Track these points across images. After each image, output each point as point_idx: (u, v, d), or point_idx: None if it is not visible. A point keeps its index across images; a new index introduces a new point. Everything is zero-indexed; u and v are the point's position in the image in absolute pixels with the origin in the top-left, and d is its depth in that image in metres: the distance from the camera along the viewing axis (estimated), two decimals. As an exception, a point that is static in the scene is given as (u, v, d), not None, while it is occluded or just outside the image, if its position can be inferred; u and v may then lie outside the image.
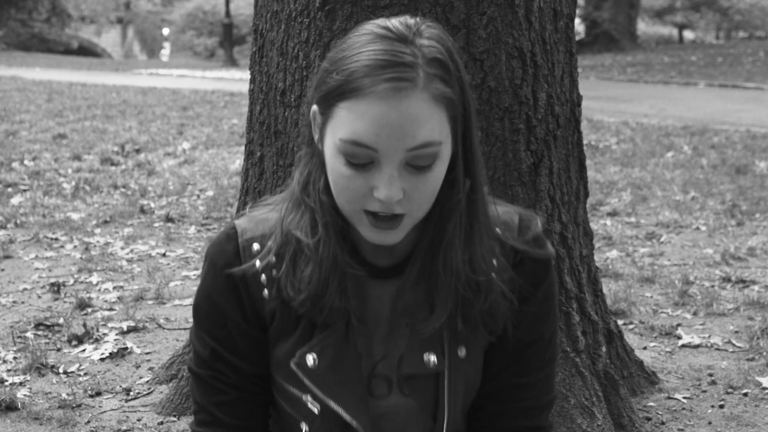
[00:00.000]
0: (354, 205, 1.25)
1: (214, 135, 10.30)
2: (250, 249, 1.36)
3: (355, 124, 1.20)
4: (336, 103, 1.23)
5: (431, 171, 1.23)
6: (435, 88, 1.21)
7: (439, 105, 1.22)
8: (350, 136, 1.21)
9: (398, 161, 1.21)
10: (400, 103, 1.19)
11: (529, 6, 2.56)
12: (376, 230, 1.25)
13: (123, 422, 2.97)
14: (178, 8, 46.00)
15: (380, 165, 1.22)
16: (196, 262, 4.95)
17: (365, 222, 1.26)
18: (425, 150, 1.21)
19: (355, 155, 1.21)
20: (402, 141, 1.20)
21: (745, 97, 14.70)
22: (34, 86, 16.78)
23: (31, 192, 6.93)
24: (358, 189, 1.23)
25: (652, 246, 5.28)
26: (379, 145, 1.20)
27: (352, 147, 1.21)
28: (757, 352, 3.49)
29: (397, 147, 1.20)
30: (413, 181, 1.23)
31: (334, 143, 1.24)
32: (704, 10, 33.61)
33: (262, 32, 2.79)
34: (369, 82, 1.19)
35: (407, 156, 1.21)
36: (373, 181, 1.22)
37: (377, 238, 1.27)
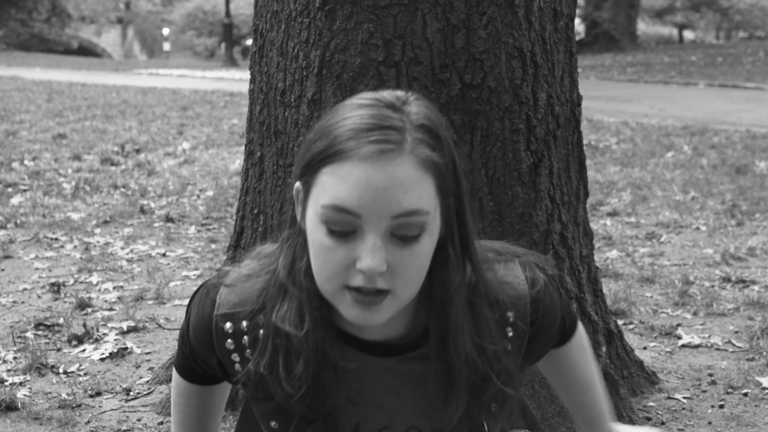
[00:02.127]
0: (335, 281, 1.17)
1: (214, 135, 10.30)
2: (222, 326, 1.33)
3: (337, 188, 1.14)
4: (319, 169, 1.17)
5: (418, 243, 1.16)
6: (423, 153, 1.16)
7: (426, 172, 1.16)
8: (332, 201, 1.14)
9: (382, 230, 1.14)
10: (386, 167, 1.13)
11: (529, 6, 2.56)
12: (358, 308, 1.17)
13: (123, 422, 2.97)
14: (178, 8, 46.02)
15: (363, 234, 1.15)
16: (196, 262, 4.95)
17: (347, 300, 1.18)
18: (411, 218, 1.15)
19: (336, 222, 1.15)
20: (387, 207, 1.13)
21: (745, 97, 14.71)
22: (34, 86, 16.79)
23: (31, 192, 6.93)
24: (340, 262, 1.16)
25: (652, 246, 5.28)
26: (363, 210, 1.13)
27: (333, 213, 1.14)
28: (757, 352, 3.49)
29: (381, 213, 1.13)
30: (398, 254, 1.16)
31: (315, 212, 1.17)
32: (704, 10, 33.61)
33: (262, 32, 2.79)
34: (353, 145, 1.14)
35: (392, 224, 1.14)
36: (355, 252, 1.15)
37: (359, 317, 1.18)
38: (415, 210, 1.15)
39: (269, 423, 1.35)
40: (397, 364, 1.31)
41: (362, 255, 1.14)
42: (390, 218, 1.14)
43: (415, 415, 1.33)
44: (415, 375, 1.31)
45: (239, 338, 1.31)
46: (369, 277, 1.15)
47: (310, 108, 2.59)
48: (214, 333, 1.33)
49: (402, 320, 1.29)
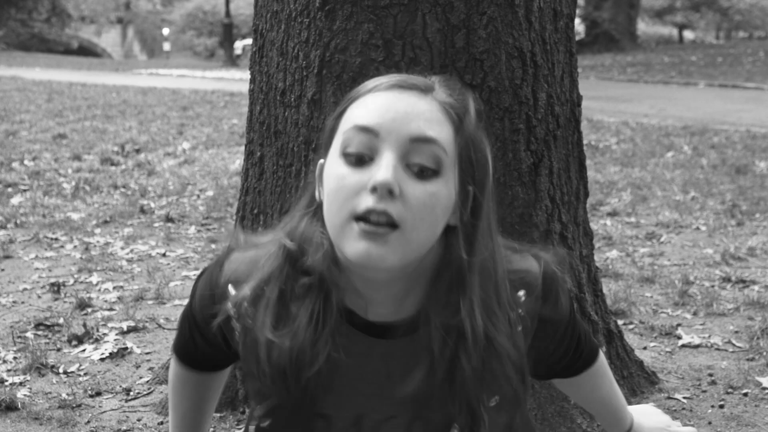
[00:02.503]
0: (344, 210, 1.14)
1: (214, 135, 10.30)
2: (225, 290, 1.32)
3: (359, 112, 1.17)
4: (344, 112, 1.20)
5: (432, 183, 1.15)
6: (445, 101, 1.17)
7: (447, 119, 1.17)
8: (353, 123, 1.16)
9: (400, 152, 1.14)
10: (409, 97, 1.16)
11: (529, 6, 2.56)
12: (364, 241, 1.12)
13: (123, 422, 2.97)
14: (178, 8, 46.03)
15: (380, 155, 1.14)
16: (196, 262, 4.95)
17: (354, 232, 1.13)
18: (429, 147, 1.14)
19: (355, 143, 1.15)
20: (406, 127, 1.14)
21: (745, 97, 14.71)
22: (34, 86, 16.79)
23: (31, 192, 6.93)
24: (352, 186, 1.14)
25: (652, 246, 5.27)
26: (382, 128, 1.14)
27: (353, 133, 1.15)
28: (757, 352, 3.49)
29: (400, 132, 1.14)
30: (412, 185, 1.14)
31: (337, 147, 1.18)
32: (704, 10, 33.61)
33: (262, 32, 2.79)
34: (377, 85, 1.19)
35: (410, 148, 1.14)
36: (369, 175, 1.14)
37: (364, 251, 1.13)
38: (434, 138, 1.14)
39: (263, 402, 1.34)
40: (411, 345, 1.27)
41: (375, 172, 1.13)
42: (408, 141, 1.14)
43: (419, 405, 1.30)
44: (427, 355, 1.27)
45: (241, 305, 1.29)
46: (380, 195, 1.12)
47: (310, 108, 2.59)
48: (218, 297, 1.33)
49: (414, 298, 1.25)
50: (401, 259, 1.15)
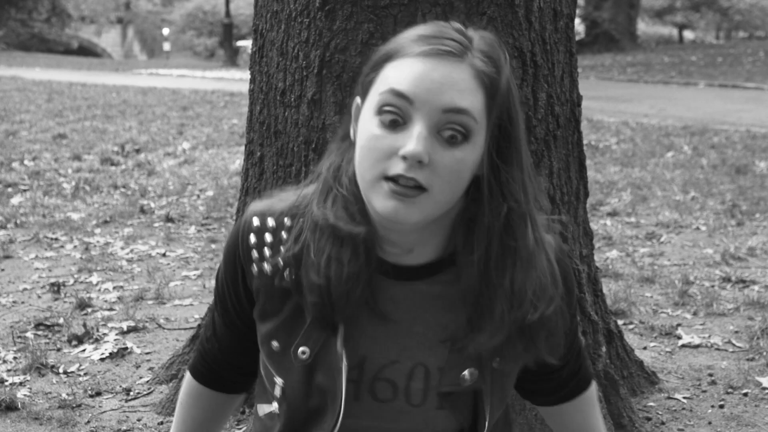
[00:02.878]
0: (375, 169, 1.20)
1: (214, 135, 10.30)
2: (249, 223, 1.36)
3: (396, 75, 1.21)
4: (382, 66, 1.24)
5: (461, 149, 1.20)
6: (480, 66, 1.22)
7: (480, 86, 1.21)
8: (390, 86, 1.21)
9: (431, 122, 1.19)
10: (444, 66, 1.20)
11: (529, 6, 2.56)
12: (394, 199, 1.19)
13: (123, 422, 2.97)
14: (178, 8, 46.00)
15: (412, 124, 1.19)
16: (196, 262, 4.95)
17: (383, 190, 1.20)
18: (460, 117, 1.19)
19: (390, 105, 1.20)
20: (439, 98, 1.19)
21: (745, 97, 14.71)
22: (34, 86, 16.78)
23: (31, 192, 6.93)
24: (384, 149, 1.20)
25: (652, 246, 5.28)
26: (416, 98, 1.19)
27: (389, 96, 1.20)
28: (757, 352, 3.49)
29: (433, 103, 1.19)
30: (441, 153, 1.19)
31: (372, 104, 1.23)
32: (704, 10, 33.60)
33: (262, 32, 2.79)
34: (417, 46, 1.22)
35: (441, 119, 1.19)
36: (401, 141, 1.19)
37: (393, 209, 1.20)
38: (465, 109, 1.19)
39: (271, 344, 1.35)
40: (424, 288, 1.31)
41: (407, 141, 1.18)
42: (440, 111, 1.19)
43: (423, 351, 1.32)
44: (437, 301, 1.31)
45: (261, 234, 1.34)
46: (410, 164, 1.18)
47: (310, 108, 2.59)
48: (241, 229, 1.36)
49: (433, 243, 1.30)
50: (426, 217, 1.22)
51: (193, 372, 1.54)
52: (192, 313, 4.01)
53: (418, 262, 1.31)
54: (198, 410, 1.55)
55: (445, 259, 1.31)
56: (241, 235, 1.36)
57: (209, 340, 1.51)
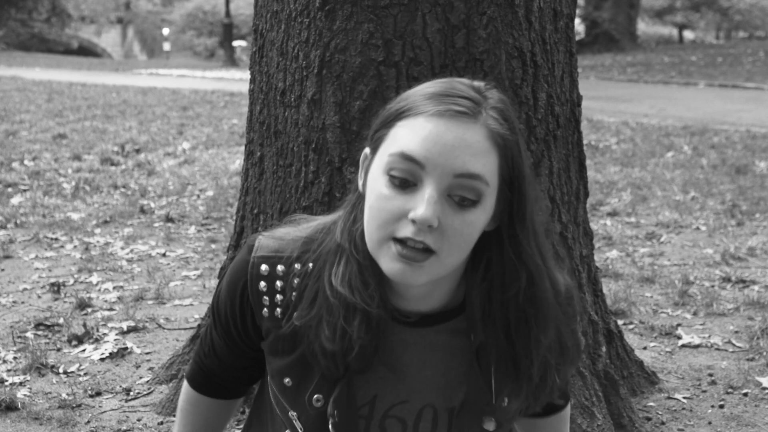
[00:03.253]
0: (384, 230, 1.19)
1: (214, 135, 10.30)
2: (258, 269, 1.34)
3: (408, 137, 1.18)
4: (393, 124, 1.22)
5: (472, 212, 1.19)
6: (494, 127, 1.20)
7: (494, 147, 1.20)
8: (400, 149, 1.18)
9: (442, 187, 1.17)
10: (458, 128, 1.18)
11: (529, 6, 2.56)
12: (401, 263, 1.18)
13: (123, 422, 2.97)
14: (178, 8, 46.01)
15: (422, 187, 1.17)
16: (196, 262, 4.95)
17: (391, 252, 1.19)
18: (472, 182, 1.18)
19: (400, 170, 1.18)
20: (451, 164, 1.17)
21: (745, 97, 14.71)
22: (34, 86, 16.78)
23: (31, 192, 6.93)
24: (393, 211, 1.18)
25: (652, 246, 5.28)
26: (428, 162, 1.17)
27: (399, 160, 1.18)
28: (757, 352, 3.49)
29: (444, 168, 1.17)
30: (452, 217, 1.18)
31: (381, 163, 1.21)
32: (704, 10, 33.60)
33: (262, 32, 2.79)
34: (431, 105, 1.20)
35: (453, 183, 1.17)
36: (411, 203, 1.17)
37: (400, 272, 1.19)
38: (478, 174, 1.18)
39: (283, 380, 1.35)
40: (432, 336, 1.32)
41: (417, 205, 1.17)
42: (452, 176, 1.17)
43: (432, 393, 1.34)
44: (445, 347, 1.32)
45: (272, 282, 1.33)
46: (419, 228, 1.17)
47: (310, 108, 2.59)
48: (249, 274, 1.34)
49: (442, 292, 1.30)
50: (434, 278, 1.22)
51: (191, 382, 1.54)
52: (192, 313, 4.01)
53: (427, 310, 1.31)
54: (198, 417, 1.55)
55: (453, 308, 1.32)
56: (249, 278, 1.35)
57: (207, 356, 1.50)
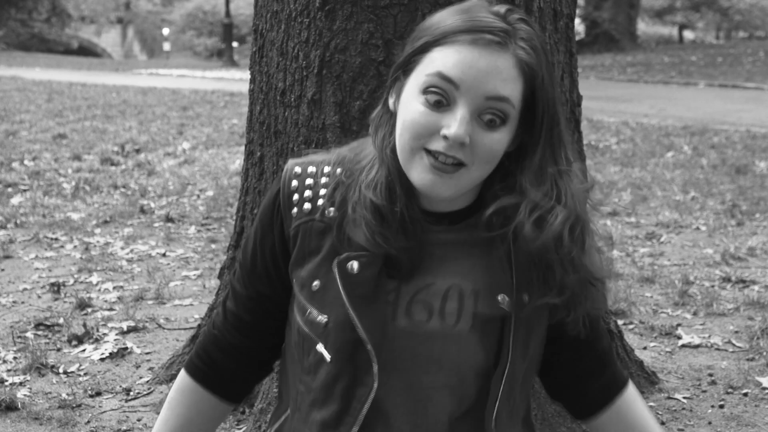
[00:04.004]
0: (417, 141, 1.29)
1: (214, 135, 10.31)
2: (291, 171, 1.44)
3: (445, 60, 1.29)
4: (430, 49, 1.31)
5: (498, 132, 1.30)
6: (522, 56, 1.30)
7: (521, 75, 1.30)
8: (438, 69, 1.29)
9: (473, 107, 1.28)
10: (491, 55, 1.29)
11: (529, 6, 2.56)
12: (432, 173, 1.29)
13: (123, 422, 2.97)
14: (178, 8, 45.98)
15: (456, 107, 1.28)
16: (196, 262, 4.95)
17: (424, 162, 1.29)
18: (501, 104, 1.29)
19: (436, 88, 1.28)
20: (484, 86, 1.28)
21: (745, 97, 14.71)
22: (34, 86, 16.78)
23: (31, 192, 6.93)
24: (427, 126, 1.28)
25: (652, 246, 5.28)
26: (462, 84, 1.27)
27: (436, 79, 1.28)
28: (757, 352, 3.50)
29: (477, 90, 1.28)
30: (481, 135, 1.29)
31: (417, 83, 1.30)
32: (704, 10, 33.59)
33: (262, 32, 2.79)
34: (465, 35, 1.29)
35: (483, 104, 1.28)
36: (443, 121, 1.28)
37: (430, 183, 1.29)
38: (506, 97, 1.29)
39: (312, 285, 1.38)
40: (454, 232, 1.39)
41: (450, 123, 1.27)
42: (484, 98, 1.28)
43: (457, 277, 1.39)
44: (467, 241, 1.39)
45: (303, 180, 1.42)
46: (451, 144, 1.27)
47: (310, 108, 2.59)
48: (283, 180, 1.43)
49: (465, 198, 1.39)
50: (460, 191, 1.33)
51: (189, 368, 1.51)
52: (192, 313, 4.01)
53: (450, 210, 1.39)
54: (186, 410, 1.51)
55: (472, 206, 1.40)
56: (282, 183, 1.43)
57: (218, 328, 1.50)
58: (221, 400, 1.52)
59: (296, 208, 1.41)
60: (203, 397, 1.51)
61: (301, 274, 1.40)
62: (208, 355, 1.50)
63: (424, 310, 1.37)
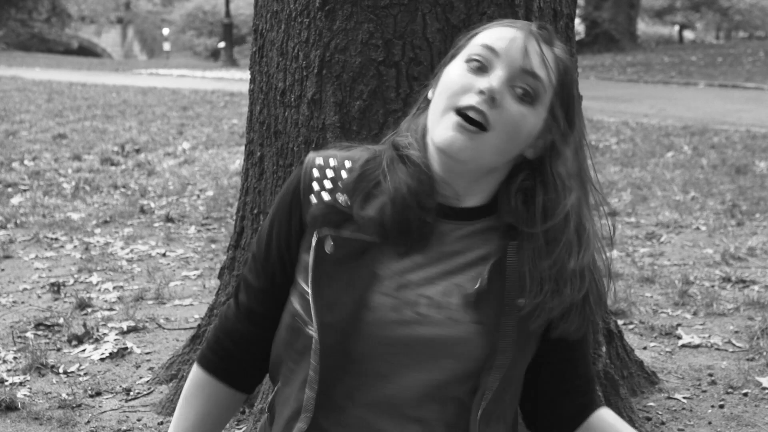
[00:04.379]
0: (450, 100, 1.36)
1: (214, 135, 10.31)
2: (312, 161, 1.47)
3: (488, 36, 1.40)
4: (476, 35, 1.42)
5: (526, 107, 1.36)
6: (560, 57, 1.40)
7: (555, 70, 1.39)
8: (482, 41, 1.39)
9: (510, 74, 1.36)
10: (530, 39, 1.38)
11: (529, 6, 2.56)
12: (456, 130, 1.34)
13: (123, 422, 2.97)
14: (178, 8, 45.99)
15: (493, 69, 1.36)
16: (196, 262, 4.95)
17: (451, 121, 1.35)
18: (534, 80, 1.37)
19: (478, 54, 1.37)
20: (521, 59, 1.36)
21: (745, 97, 14.71)
22: (34, 86, 16.78)
23: (31, 192, 6.93)
24: (463, 84, 1.36)
25: (652, 246, 5.28)
26: (502, 52, 1.36)
27: (478, 48, 1.38)
28: (757, 352, 3.50)
29: (515, 59, 1.36)
30: (510, 103, 1.35)
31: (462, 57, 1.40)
32: (704, 10, 33.59)
33: (262, 32, 2.79)
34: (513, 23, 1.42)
35: (518, 75, 1.36)
36: (480, 82, 1.35)
37: (451, 138, 1.34)
38: (540, 76, 1.37)
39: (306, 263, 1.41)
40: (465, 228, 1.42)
41: (487, 78, 1.35)
42: (520, 69, 1.36)
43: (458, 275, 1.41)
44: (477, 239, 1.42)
45: (324, 170, 1.45)
46: (484, 99, 1.34)
47: (310, 108, 2.59)
48: (304, 169, 1.46)
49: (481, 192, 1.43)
50: (476, 158, 1.37)
51: (202, 361, 1.54)
52: (192, 313, 4.01)
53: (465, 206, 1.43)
54: (204, 403, 1.53)
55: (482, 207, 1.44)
56: (303, 172, 1.46)
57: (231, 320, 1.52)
58: (236, 391, 1.55)
59: (315, 197, 1.43)
60: (219, 390, 1.53)
61: (305, 256, 1.42)
62: (221, 347, 1.52)
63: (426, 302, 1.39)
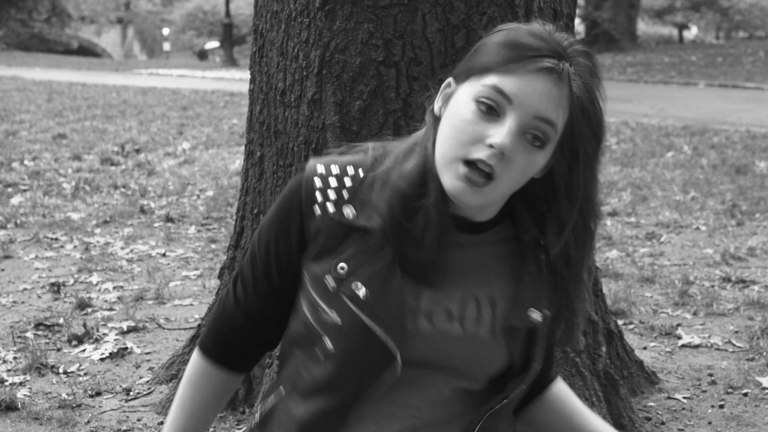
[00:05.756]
0: (458, 150, 1.33)
1: (214, 135, 10.31)
2: (314, 169, 1.45)
3: (502, 79, 1.34)
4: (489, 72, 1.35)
5: (535, 153, 1.35)
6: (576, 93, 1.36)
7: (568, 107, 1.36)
8: (494, 83, 1.33)
9: (522, 122, 1.32)
10: (546, 83, 1.33)
11: (529, 6, 2.56)
12: (463, 183, 1.33)
13: (123, 422, 2.97)
14: (178, 8, 45.99)
15: (505, 119, 1.32)
16: (196, 262, 4.95)
17: (458, 171, 1.33)
18: (546, 126, 1.34)
19: (489, 99, 1.33)
20: (535, 107, 1.32)
21: (745, 97, 14.71)
22: (34, 86, 16.78)
23: (31, 192, 6.93)
24: (473, 133, 1.33)
25: (652, 246, 5.28)
26: (516, 99, 1.32)
27: (491, 91, 1.33)
28: (757, 352, 3.50)
29: (529, 109, 1.32)
30: (520, 151, 1.33)
31: (471, 91, 1.35)
32: (704, 10, 33.58)
33: (262, 32, 2.79)
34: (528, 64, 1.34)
35: (531, 123, 1.33)
36: (490, 131, 1.32)
37: (459, 189, 1.33)
38: (553, 121, 1.34)
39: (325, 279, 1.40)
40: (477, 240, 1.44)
41: (499, 132, 1.32)
42: (532, 117, 1.33)
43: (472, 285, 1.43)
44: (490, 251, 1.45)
45: (326, 178, 1.43)
46: (493, 153, 1.32)
47: (310, 108, 2.60)
48: (305, 177, 1.44)
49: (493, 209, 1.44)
50: (486, 203, 1.38)
51: (203, 347, 1.55)
52: (192, 313, 4.01)
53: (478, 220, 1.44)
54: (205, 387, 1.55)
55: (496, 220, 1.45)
56: (304, 180, 1.44)
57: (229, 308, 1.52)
58: (237, 373, 1.58)
59: (319, 208, 1.42)
60: (220, 374, 1.55)
61: (316, 269, 1.42)
62: (220, 333, 1.54)
63: (444, 316, 1.41)
